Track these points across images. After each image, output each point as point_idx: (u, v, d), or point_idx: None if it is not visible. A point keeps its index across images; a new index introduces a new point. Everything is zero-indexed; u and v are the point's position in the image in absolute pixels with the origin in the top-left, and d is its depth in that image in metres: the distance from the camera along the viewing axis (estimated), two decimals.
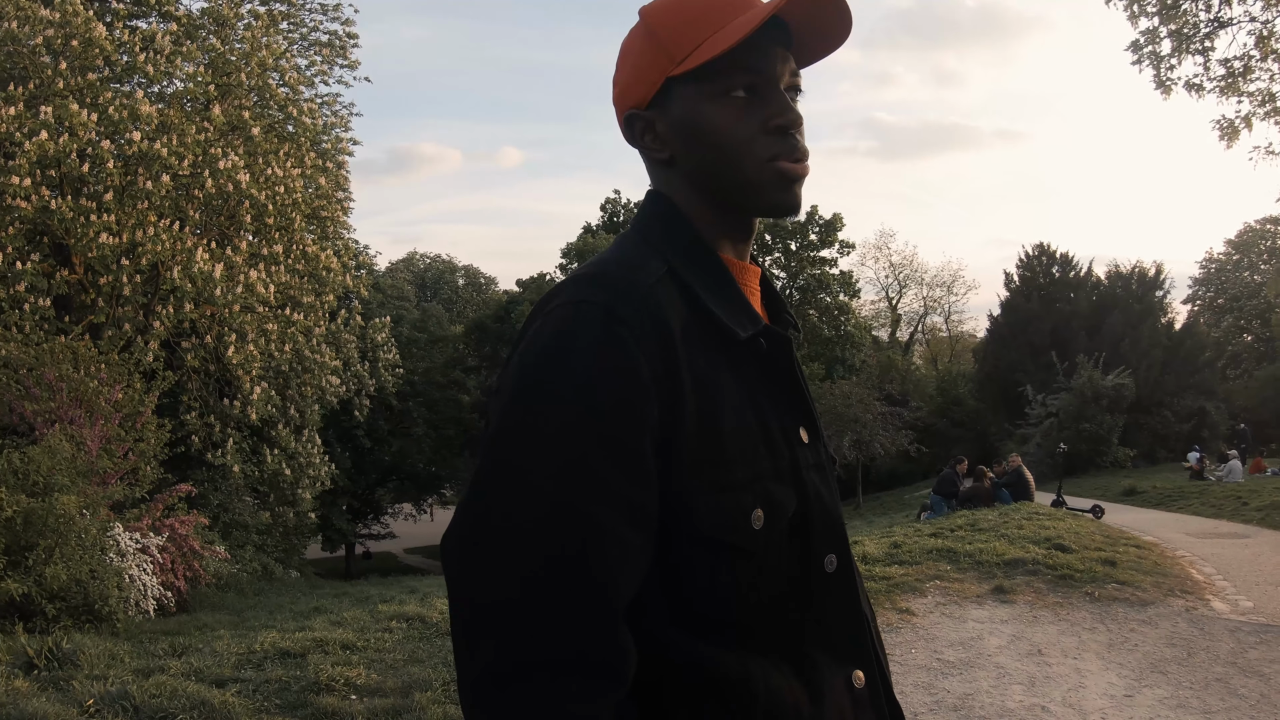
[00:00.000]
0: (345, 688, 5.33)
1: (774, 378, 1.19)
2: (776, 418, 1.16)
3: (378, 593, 12.82)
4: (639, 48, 1.22)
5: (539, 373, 1.05)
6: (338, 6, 20.50)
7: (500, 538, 1.00)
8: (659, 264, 1.14)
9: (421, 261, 57.38)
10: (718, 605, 1.08)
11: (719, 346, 1.13)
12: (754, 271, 1.28)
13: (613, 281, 1.09)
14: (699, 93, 1.17)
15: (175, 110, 14.98)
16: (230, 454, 16.28)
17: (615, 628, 1.00)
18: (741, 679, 1.07)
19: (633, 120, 1.23)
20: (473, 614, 1.00)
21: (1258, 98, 14.68)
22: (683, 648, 1.06)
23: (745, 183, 1.18)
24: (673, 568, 1.06)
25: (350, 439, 29.83)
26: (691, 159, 1.20)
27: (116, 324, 14.28)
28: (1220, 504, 18.01)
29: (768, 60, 1.17)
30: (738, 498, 1.08)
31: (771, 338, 1.18)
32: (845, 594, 1.20)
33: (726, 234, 1.23)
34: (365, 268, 26.10)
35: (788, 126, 1.17)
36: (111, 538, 9.21)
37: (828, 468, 1.24)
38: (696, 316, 1.12)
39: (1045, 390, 33.67)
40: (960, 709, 5.31)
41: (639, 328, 1.05)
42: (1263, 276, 47.42)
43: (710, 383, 1.09)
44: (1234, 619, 7.69)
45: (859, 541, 10.51)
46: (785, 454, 1.15)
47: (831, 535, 1.19)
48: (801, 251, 44.90)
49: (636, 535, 1.02)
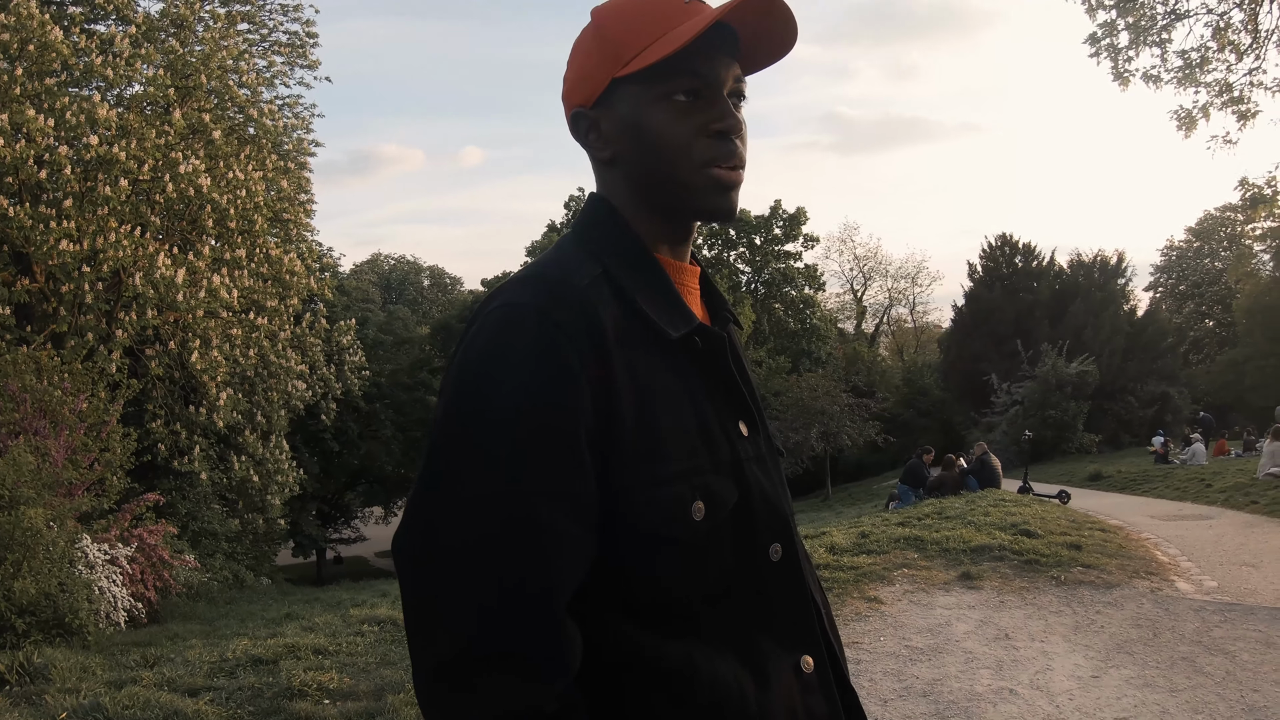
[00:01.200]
0: (318, 692, 5.32)
1: (711, 374, 1.21)
2: (715, 413, 1.19)
3: (349, 597, 12.77)
4: (588, 47, 1.24)
5: (477, 374, 1.08)
6: (298, 6, 20.34)
7: (445, 535, 1.04)
8: (594, 266, 1.17)
9: (386, 263, 57.03)
10: (663, 596, 1.12)
11: (654, 346, 1.16)
12: (693, 271, 1.31)
13: (547, 284, 1.13)
14: (643, 94, 1.19)
15: (134, 114, 14.83)
16: (197, 461, 16.13)
17: (559, 620, 1.03)
18: (688, 667, 1.10)
19: (579, 118, 1.26)
20: (423, 610, 1.04)
21: (1215, 88, 14.89)
22: (630, 638, 1.10)
23: (681, 185, 1.20)
24: (618, 560, 1.10)
25: (318, 443, 29.63)
26: (632, 159, 1.22)
27: (79, 332, 14.11)
28: (1184, 487, 18.25)
29: (712, 65, 1.19)
30: (677, 491, 1.11)
31: (707, 335, 1.21)
32: (791, 582, 1.23)
33: (664, 235, 1.26)
34: (329, 270, 25.95)
35: (727, 132, 1.20)
36: (80, 550, 9.12)
37: (769, 460, 1.26)
38: (631, 317, 1.15)
39: (1010, 379, 34.02)
40: (929, 694, 5.38)
41: (573, 329, 1.08)
42: (1223, 263, 48.13)
43: (646, 381, 1.12)
44: (1198, 599, 7.81)
45: (827, 532, 10.58)
46: (725, 448, 1.18)
47: (775, 525, 1.22)
48: (766, 246, 45.16)
49: (577, 529, 1.05)
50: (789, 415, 31.66)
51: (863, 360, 46.69)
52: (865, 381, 38.97)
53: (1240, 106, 14.75)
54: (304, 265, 18.94)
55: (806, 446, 31.57)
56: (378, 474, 35.19)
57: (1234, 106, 14.83)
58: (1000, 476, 17.51)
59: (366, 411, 32.53)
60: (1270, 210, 13.34)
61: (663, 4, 1.20)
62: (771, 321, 43.65)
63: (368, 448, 33.31)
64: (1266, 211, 12.97)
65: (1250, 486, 16.15)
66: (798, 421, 31.53)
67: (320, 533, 32.46)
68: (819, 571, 8.22)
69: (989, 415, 34.75)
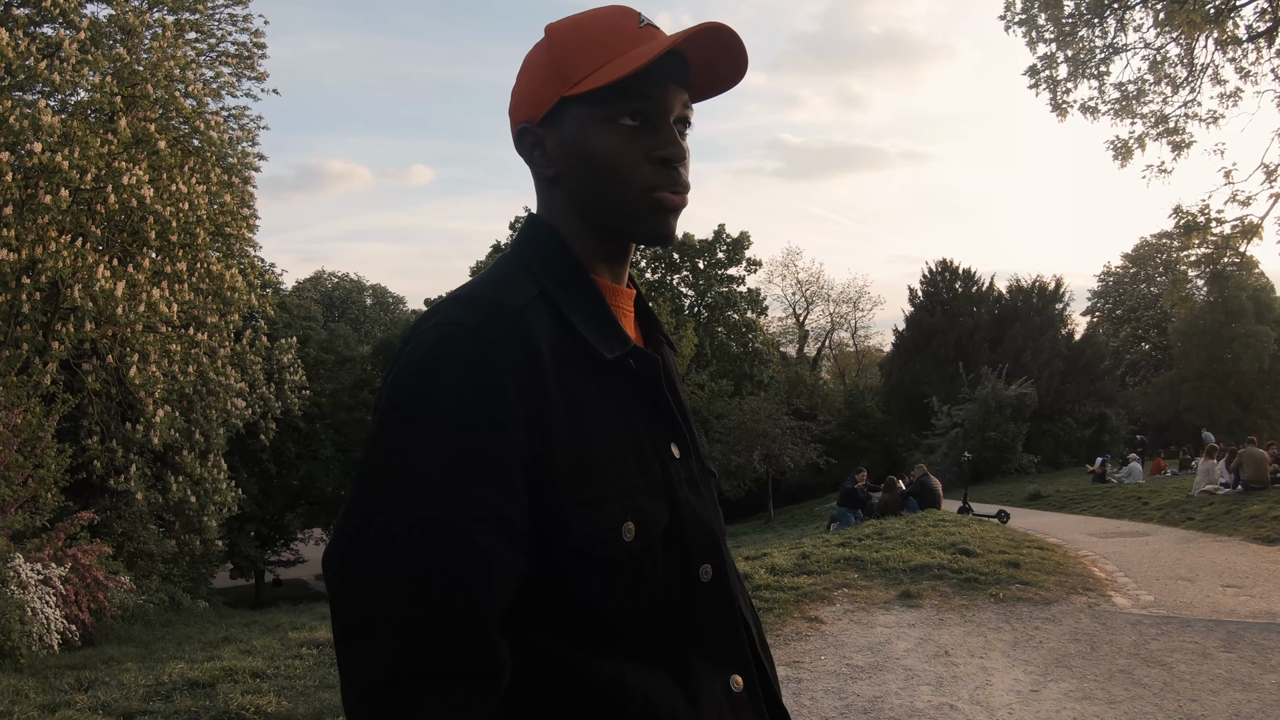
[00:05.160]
0: (256, 716, 5.25)
1: (643, 396, 1.22)
2: (648, 434, 1.20)
3: (288, 620, 12.57)
4: (539, 63, 1.24)
5: (410, 392, 1.09)
6: (247, 17, 20.13)
7: (375, 552, 1.04)
8: (531, 287, 1.18)
9: (329, 281, 56.57)
10: (594, 615, 1.12)
11: (589, 367, 1.16)
12: (628, 294, 1.31)
13: (483, 304, 1.13)
14: (590, 115, 1.20)
15: (79, 121, 14.55)
16: (133, 480, 15.79)
17: (488, 637, 1.04)
18: (618, 686, 1.11)
19: (524, 134, 1.26)
20: (352, 626, 1.04)
21: (1150, 119, 15.28)
22: (562, 657, 1.11)
23: (622, 208, 1.22)
24: (550, 579, 1.10)
25: (257, 463, 29.23)
26: (575, 179, 1.23)
27: (14, 344, 13.80)
28: (1122, 505, 18.64)
29: (661, 91, 1.21)
30: (608, 511, 1.12)
31: (640, 358, 1.22)
32: (722, 602, 1.23)
33: (602, 257, 1.27)
34: (271, 287, 25.64)
35: (671, 160, 1.21)
36: (12, 569, 8.91)
37: (701, 481, 1.27)
38: (566, 338, 1.16)
39: (950, 401, 34.47)
40: (870, 711, 5.42)
41: (507, 349, 1.09)
42: (1159, 288, 49.14)
43: (579, 402, 1.13)
44: (1135, 613, 7.96)
45: (768, 553, 10.62)
46: (657, 469, 1.19)
47: (706, 546, 1.23)
48: (709, 269, 45.41)
49: (506, 548, 1.06)
50: (731, 438, 31.77)
51: (805, 383, 47.00)
52: (807, 404, 39.19)
53: (1175, 137, 15.16)
54: (245, 281, 18.64)
55: (749, 469, 31.69)
56: (317, 495, 34.77)
57: (1169, 137, 15.22)
58: (940, 497, 17.72)
59: (306, 431, 32.18)
60: (1204, 237, 13.68)
61: (617, 26, 1.21)
62: (714, 345, 43.80)
63: (307, 468, 32.94)
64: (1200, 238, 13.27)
65: (1185, 503, 16.53)
66: (740, 444, 31.64)
67: (259, 554, 32.01)
68: (760, 592, 8.29)
69: (930, 437, 35.16)
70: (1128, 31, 14.96)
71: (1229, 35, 13.78)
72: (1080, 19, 14.80)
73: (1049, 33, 14.99)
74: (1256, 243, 14.25)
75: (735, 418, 32.74)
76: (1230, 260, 22.61)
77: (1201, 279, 40.59)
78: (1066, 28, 14.84)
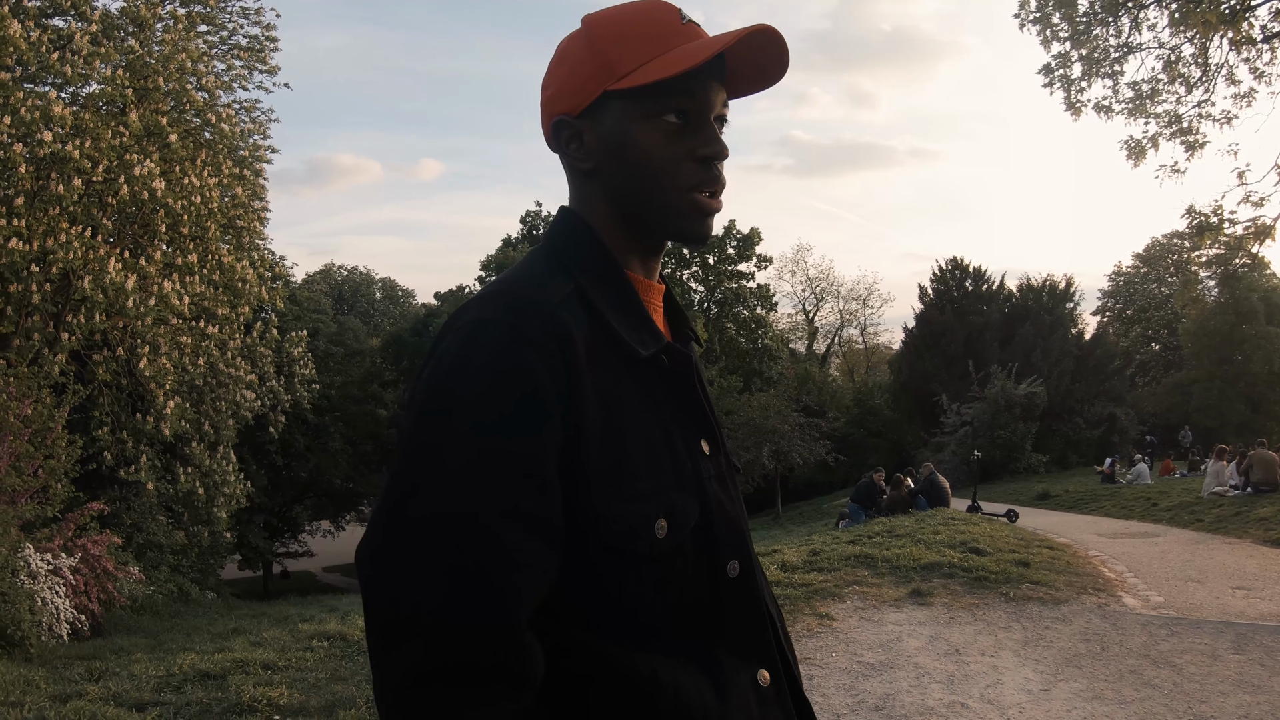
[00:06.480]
0: (268, 708, 5.25)
1: (676, 392, 1.22)
2: (679, 430, 1.20)
3: (297, 612, 12.62)
4: (579, 55, 1.22)
5: (446, 389, 1.08)
6: (259, 10, 20.11)
7: (409, 548, 1.04)
8: (566, 281, 1.17)
9: (339, 274, 56.65)
10: (626, 610, 1.12)
11: (623, 363, 1.16)
12: (659, 289, 1.31)
13: (519, 300, 1.13)
14: (633, 110, 1.19)
15: (90, 113, 14.55)
16: (144, 471, 15.84)
17: (520, 633, 1.04)
18: (650, 680, 1.11)
19: (561, 126, 1.24)
20: (386, 622, 1.04)
21: (1164, 119, 15.17)
22: (594, 651, 1.11)
23: (662, 206, 1.21)
24: (582, 575, 1.10)
25: (265, 455, 29.26)
26: (613, 174, 1.22)
27: (25, 335, 13.84)
28: (1131, 505, 18.59)
29: (705, 90, 1.20)
30: (642, 508, 1.12)
31: (673, 354, 1.22)
32: (749, 597, 1.24)
33: (636, 252, 1.27)
34: (281, 279, 25.62)
35: (713, 158, 1.21)
36: (22, 559, 8.93)
37: (729, 478, 1.28)
38: (601, 334, 1.15)
39: (960, 399, 34.38)
40: (881, 709, 5.42)
41: (543, 346, 1.08)
42: (1169, 288, 49.00)
43: (614, 398, 1.13)
44: (1145, 614, 7.95)
45: (779, 550, 10.62)
46: (688, 465, 1.19)
47: (734, 542, 1.23)
48: (719, 265, 45.37)
49: (539, 544, 1.06)
50: (740, 434, 31.79)
51: (814, 380, 46.90)
52: (816, 401, 39.19)
53: (1189, 137, 15.06)
54: (256, 274, 18.66)
55: (758, 465, 31.70)
56: (326, 487, 34.82)
57: (1183, 137, 15.12)
58: (949, 495, 17.69)
59: (315, 424, 32.19)
60: (1215, 238, 13.61)
61: (661, 21, 1.20)
62: (723, 341, 43.80)
63: (316, 461, 32.96)
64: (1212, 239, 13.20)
65: (1195, 505, 16.49)
66: (749, 440, 31.65)
67: (267, 546, 32.03)
68: (771, 588, 8.28)
69: (939, 435, 35.07)
70: (1142, 31, 14.88)
71: (1244, 35, 13.69)
72: (1094, 18, 14.73)
73: (1063, 31, 14.91)
74: (1269, 244, 14.17)
75: (744, 414, 32.74)
76: (1242, 261, 22.57)
77: (1213, 280, 40.44)
78: (1081, 26, 14.77)
